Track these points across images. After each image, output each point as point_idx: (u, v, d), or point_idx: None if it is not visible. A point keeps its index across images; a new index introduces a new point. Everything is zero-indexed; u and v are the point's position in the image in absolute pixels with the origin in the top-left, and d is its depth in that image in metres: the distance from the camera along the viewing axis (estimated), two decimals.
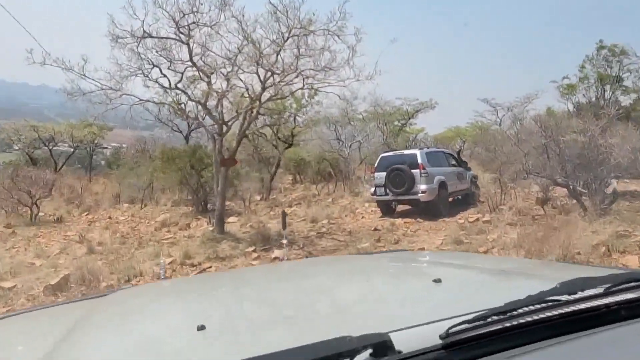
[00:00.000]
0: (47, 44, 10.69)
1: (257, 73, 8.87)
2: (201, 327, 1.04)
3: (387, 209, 12.43)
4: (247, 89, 9.12)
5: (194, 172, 14.19)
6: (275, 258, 7.72)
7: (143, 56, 8.92)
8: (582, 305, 0.89)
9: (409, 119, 31.37)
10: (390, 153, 13.15)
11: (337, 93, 9.59)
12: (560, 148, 10.29)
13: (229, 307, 1.45)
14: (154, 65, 9.11)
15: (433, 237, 9.37)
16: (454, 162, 13.55)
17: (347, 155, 24.24)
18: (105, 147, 37.20)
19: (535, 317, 0.85)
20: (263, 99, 9.16)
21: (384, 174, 11.80)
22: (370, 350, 0.75)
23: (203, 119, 12.44)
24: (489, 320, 0.83)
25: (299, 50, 9.05)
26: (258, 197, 17.98)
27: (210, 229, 10.77)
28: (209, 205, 14.58)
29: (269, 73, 9.03)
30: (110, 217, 15.57)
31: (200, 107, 10.19)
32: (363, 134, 27.14)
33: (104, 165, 35.48)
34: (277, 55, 9.08)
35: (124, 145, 36.43)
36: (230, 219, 12.61)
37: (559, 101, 16.58)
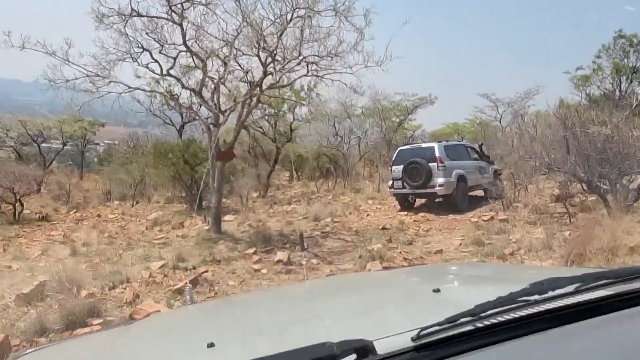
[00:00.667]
0: (26, 27, 9.80)
1: (258, 55, 8.07)
2: (211, 345, 1.16)
3: (404, 203, 12.28)
4: (247, 73, 8.32)
5: (187, 167, 13.40)
6: (279, 261, 6.96)
7: (131, 38, 8.12)
8: (551, 305, 0.92)
9: (408, 114, 30.62)
10: (408, 146, 13.03)
11: (344, 81, 8.80)
12: (580, 141, 9.61)
13: (237, 325, 1.57)
14: (144, 49, 8.30)
15: (448, 238, 8.65)
16: (476, 155, 13.16)
17: (346, 151, 23.51)
18: (97, 144, 36.31)
19: (502, 318, 0.89)
20: (264, 86, 8.38)
21: (402, 167, 11.68)
22: (354, 356, 0.80)
23: (198, 109, 11.68)
24: (458, 322, 0.87)
25: (302, 33, 8.27)
26: (255, 194, 17.22)
27: (206, 228, 10.00)
28: (203, 203, 13.79)
29: (270, 58, 8.25)
30: (99, 215, 14.74)
31: (194, 96, 9.36)
32: (362, 129, 26.48)
33: (96, 162, 34.55)
34: (278, 39, 8.30)
35: (116, 141, 35.54)
36: (227, 217, 11.83)
37: (572, 93, 16.06)
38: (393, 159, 12.54)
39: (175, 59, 8.45)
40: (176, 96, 11.65)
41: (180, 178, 13.83)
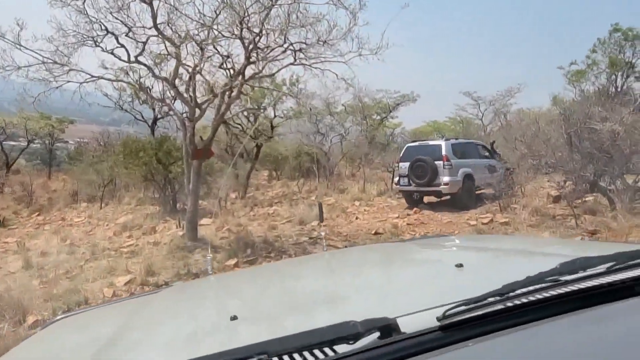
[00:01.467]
0: None
1: (240, 37, 7.14)
2: (234, 318, 1.16)
3: (410, 200, 12.21)
4: (227, 58, 7.37)
5: (160, 167, 12.37)
6: None
7: (93, 19, 7.08)
8: (582, 285, 0.89)
9: (390, 112, 30.01)
10: (416, 143, 12.86)
11: (335, 71, 7.96)
12: (584, 139, 9.04)
13: (260, 298, 1.57)
14: (108, 32, 7.28)
15: None
16: (486, 153, 12.75)
17: (327, 149, 22.69)
18: (67, 142, 34.57)
19: (532, 298, 0.86)
20: (247, 75, 7.46)
21: (408, 164, 11.59)
22: (377, 334, 0.80)
23: (172, 102, 10.66)
24: (485, 302, 0.85)
25: (289, 17, 7.40)
26: (233, 195, 16.26)
27: (180, 233, 9.03)
28: (178, 205, 12.79)
29: (253, 45, 7.35)
30: (63, 219, 13.56)
31: (167, 87, 8.36)
32: (344, 127, 25.70)
33: (67, 161, 32.79)
34: (262, 24, 7.40)
35: (85, 139, 33.87)
36: (204, 221, 10.86)
37: (566, 89, 15.63)
38: (400, 155, 12.51)
39: (144, 44, 7.46)
40: (148, 88, 10.58)
41: (152, 178, 12.79)
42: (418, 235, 8.77)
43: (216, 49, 7.38)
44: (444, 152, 11.23)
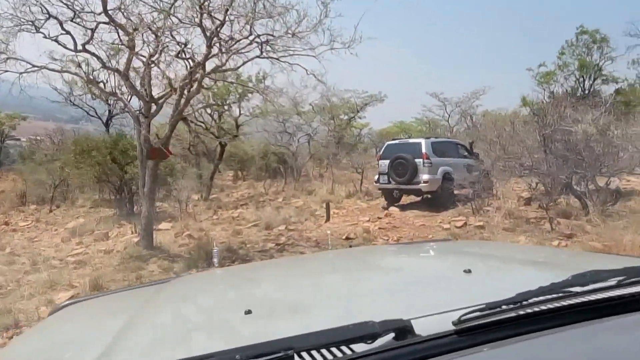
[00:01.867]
0: None
1: (200, 24, 6.49)
2: (248, 312, 1.15)
3: (390, 198, 12.19)
4: (185, 46, 6.69)
5: (116, 166, 11.51)
6: None
7: (34, 1, 6.28)
8: (593, 297, 0.91)
9: (358, 112, 29.73)
10: (396, 141, 12.93)
11: (304, 66, 7.44)
12: (558, 141, 8.87)
13: (273, 293, 1.57)
14: (50, 16, 6.49)
15: None
16: (466, 153, 12.68)
17: (295, 149, 22.13)
18: (18, 139, 32.55)
19: (544, 307, 0.89)
20: (208, 67, 6.84)
21: (388, 162, 11.59)
22: (392, 334, 0.82)
23: (128, 99, 9.86)
24: (499, 309, 0.87)
25: (255, 6, 6.83)
26: (196, 197, 15.46)
27: (136, 240, 8.28)
28: (135, 208, 11.95)
29: (214, 34, 6.73)
30: (7, 223, 12.42)
31: (120, 79, 7.60)
32: (311, 126, 25.19)
33: (19, 160, 30.74)
34: (225, 13, 6.79)
35: (39, 137, 31.97)
36: (163, 225, 10.13)
37: (534, 90, 15.65)
38: (381, 153, 12.49)
39: (93, 31, 6.70)
40: (102, 82, 9.74)
41: (107, 179, 11.91)
42: (391, 240, 8.37)
43: (174, 38, 6.71)
44: (424, 150, 11.20)
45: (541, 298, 0.91)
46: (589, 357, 0.80)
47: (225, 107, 14.74)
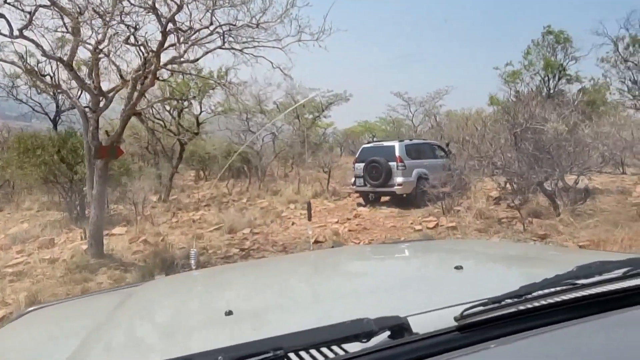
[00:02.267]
0: None
1: (153, 8, 5.86)
2: (229, 313, 1.11)
3: (367, 200, 12.32)
4: (135, 30, 6.03)
5: (65, 166, 10.63)
6: None
7: None
8: (600, 289, 0.89)
9: (323, 111, 29.41)
10: (371, 144, 13.18)
11: (270, 59, 6.94)
12: (524, 140, 8.72)
13: (254, 294, 1.52)
14: None
15: None
16: (442, 154, 12.68)
17: (259, 148, 21.50)
18: None
19: (550, 301, 0.86)
20: (165, 58, 6.23)
21: (363, 165, 11.76)
22: (388, 332, 0.78)
23: (79, 95, 9.07)
24: (503, 303, 0.84)
25: None
26: (155, 198, 14.64)
27: (85, 247, 7.55)
28: (87, 211, 11.08)
29: (170, 21, 6.13)
30: None
31: (65, 70, 6.85)
32: (276, 125, 24.62)
33: None
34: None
35: None
36: (116, 230, 9.39)
37: (501, 89, 15.72)
38: (356, 156, 12.72)
39: (31, 15, 5.96)
40: (47, 74, 8.89)
41: (55, 180, 10.99)
42: (362, 243, 7.98)
43: (123, 22, 6.05)
44: (397, 154, 11.36)
45: (546, 291, 0.88)
46: (598, 352, 0.77)
47: (185, 104, 13.97)
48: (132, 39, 6.21)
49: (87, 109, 6.47)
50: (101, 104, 6.44)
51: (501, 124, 8.79)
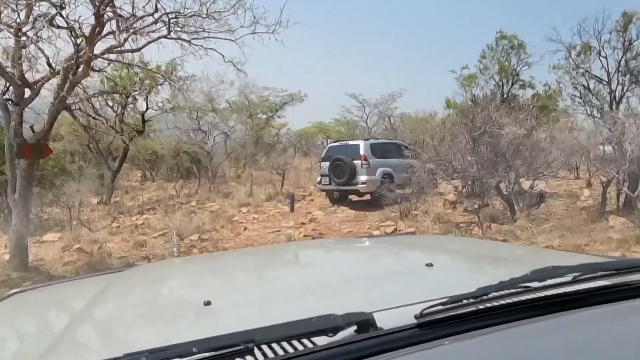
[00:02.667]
0: None
1: None
2: (207, 303, 1.12)
3: (332, 198, 12.33)
4: (60, 8, 5.29)
5: None
6: None
7: None
8: (550, 292, 0.95)
9: (277, 111, 28.86)
10: (337, 143, 13.30)
11: (221, 51, 6.40)
12: (481, 143, 8.65)
13: (233, 285, 1.58)
14: None
15: None
16: (409, 154, 12.28)
17: (210, 148, 20.65)
18: None
19: (504, 302, 0.93)
20: (100, 47, 5.55)
21: (329, 163, 11.77)
22: (354, 327, 0.83)
23: (6, 88, 8.08)
24: (460, 303, 0.89)
25: None
26: (95, 201, 13.62)
27: (7, 257, 6.69)
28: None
29: (105, 4, 5.47)
30: None
31: None
32: (229, 125, 23.83)
33: None
34: None
35: None
36: (48, 237, 8.51)
37: (457, 93, 15.85)
38: (322, 155, 12.80)
39: None
40: None
41: None
42: None
43: (48, 1, 5.30)
44: (362, 152, 11.43)
45: (501, 293, 0.93)
46: (546, 351, 0.81)
47: (129, 100, 13.06)
48: (58, 21, 5.47)
49: (9, 102, 5.67)
50: (26, 96, 5.66)
51: (459, 127, 8.64)
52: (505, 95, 12.47)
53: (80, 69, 5.36)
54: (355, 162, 11.31)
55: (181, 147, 19.76)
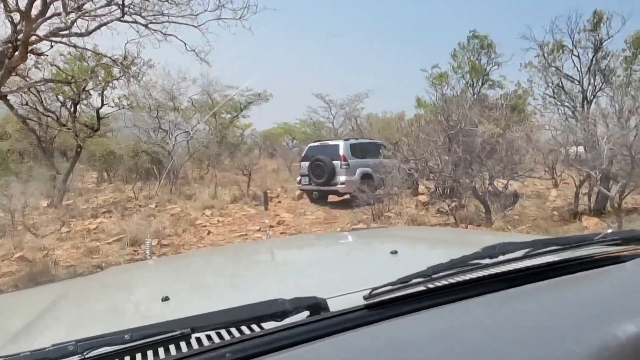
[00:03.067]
0: None
1: None
2: (165, 299, 1.15)
3: (312, 198, 12.29)
4: None
5: None
6: None
7: None
8: (502, 268, 0.98)
9: (241, 110, 28.18)
10: (317, 143, 13.17)
11: (182, 38, 5.83)
12: (461, 142, 8.41)
13: (195, 280, 1.60)
14: None
15: None
16: (384, 154, 12.11)
17: (171, 148, 19.75)
18: None
19: (455, 280, 0.95)
20: (43, 28, 4.87)
21: (308, 163, 11.85)
22: (307, 312, 0.84)
23: None
24: (410, 282, 0.90)
25: None
26: (45, 203, 12.62)
27: None
28: None
29: None
30: None
31: None
32: (191, 124, 22.96)
33: None
34: None
35: None
36: None
37: (428, 92, 15.67)
38: (302, 154, 12.80)
39: None
40: None
41: None
42: None
43: None
44: (341, 152, 11.45)
45: (452, 271, 0.93)
46: (493, 324, 0.81)
47: (83, 95, 12.15)
48: None
49: None
50: None
51: (434, 125, 8.36)
52: (475, 95, 12.41)
53: (17, 52, 4.68)
54: (334, 162, 11.35)
55: (140, 147, 18.84)
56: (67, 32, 5.31)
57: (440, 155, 7.48)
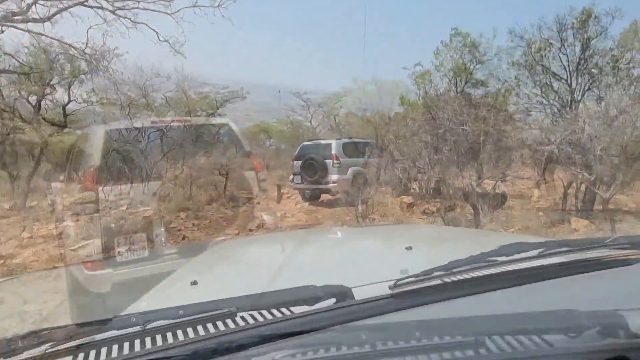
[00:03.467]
0: None
1: None
2: (194, 283, 1.31)
3: (304, 197, 12.49)
4: None
5: None
6: None
7: None
8: (517, 266, 1.05)
9: (217, 108, 27.52)
10: (310, 142, 13.48)
11: (153, 27, 5.33)
12: (449, 141, 8.16)
13: (217, 269, 1.77)
14: None
15: None
16: (370, 153, 12.10)
17: (145, 147, 19.03)
18: None
19: (474, 275, 1.01)
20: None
21: (301, 162, 11.97)
22: (334, 299, 0.91)
23: None
24: (432, 275, 0.98)
25: None
26: (7, 206, 11.89)
27: None
28: None
29: None
30: None
31: None
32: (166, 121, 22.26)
33: None
34: None
35: None
36: None
37: (410, 91, 15.49)
38: (295, 153, 12.94)
39: None
40: None
41: None
42: None
43: None
44: (333, 151, 11.60)
45: (471, 266, 1.01)
46: (505, 317, 0.85)
47: (47, 90, 11.44)
48: None
49: None
50: None
51: (420, 124, 8.08)
52: (458, 94, 12.27)
53: None
54: (327, 161, 11.45)
55: (111, 145, 18.09)
56: (23, 16, 4.77)
57: (429, 154, 7.19)
